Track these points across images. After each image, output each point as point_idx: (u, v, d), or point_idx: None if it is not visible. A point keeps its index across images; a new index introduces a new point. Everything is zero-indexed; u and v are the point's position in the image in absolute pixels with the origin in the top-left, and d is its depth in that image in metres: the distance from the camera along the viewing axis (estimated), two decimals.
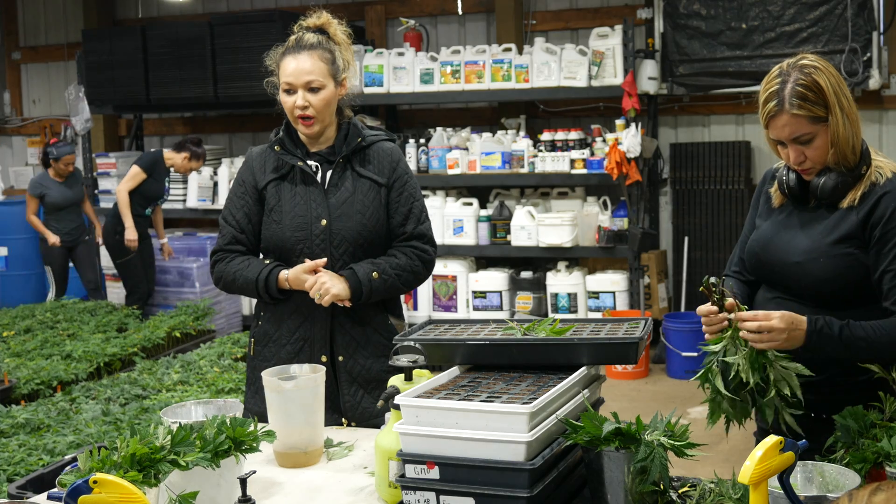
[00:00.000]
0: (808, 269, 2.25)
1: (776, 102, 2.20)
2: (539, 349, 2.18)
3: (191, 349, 6.13)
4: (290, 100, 2.69)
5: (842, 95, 2.22)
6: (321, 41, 2.72)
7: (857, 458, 1.94)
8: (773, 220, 2.38)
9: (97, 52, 7.74)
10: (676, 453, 1.87)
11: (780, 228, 2.34)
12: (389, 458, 2.01)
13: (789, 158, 2.26)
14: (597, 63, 6.61)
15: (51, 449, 4.01)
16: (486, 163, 6.92)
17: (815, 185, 2.26)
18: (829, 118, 2.19)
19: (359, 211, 2.73)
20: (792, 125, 2.20)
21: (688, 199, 7.02)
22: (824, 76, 2.21)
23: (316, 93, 2.68)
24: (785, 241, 2.31)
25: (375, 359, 2.75)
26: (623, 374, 6.42)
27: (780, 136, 2.23)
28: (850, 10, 6.37)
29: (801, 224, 2.31)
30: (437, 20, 7.77)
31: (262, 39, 6.92)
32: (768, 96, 2.23)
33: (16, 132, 9.43)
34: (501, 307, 6.96)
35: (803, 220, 2.31)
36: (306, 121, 2.69)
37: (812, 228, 2.28)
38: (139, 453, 1.85)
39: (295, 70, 2.67)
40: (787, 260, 2.29)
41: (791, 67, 2.24)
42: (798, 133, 2.21)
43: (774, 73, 2.26)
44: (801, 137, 2.21)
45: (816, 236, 2.26)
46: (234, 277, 2.75)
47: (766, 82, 2.26)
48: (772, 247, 2.33)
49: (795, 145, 2.22)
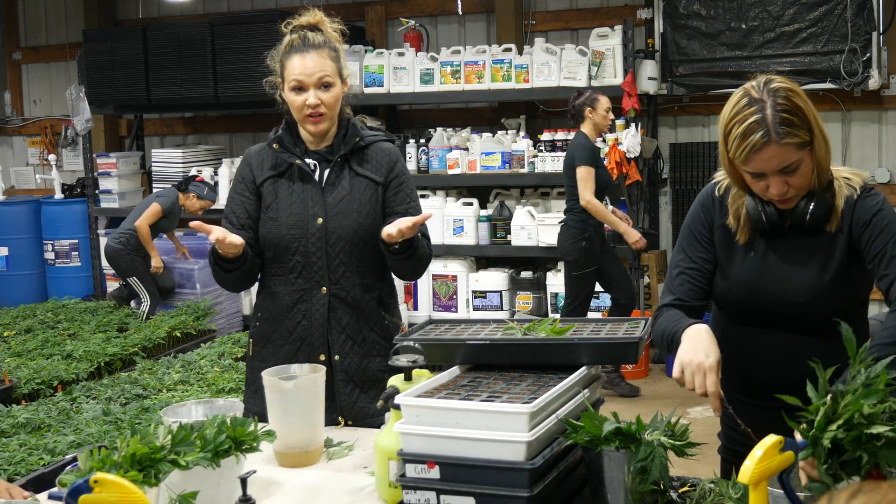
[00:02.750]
0: (814, 308, 2.13)
1: (762, 133, 2.00)
2: (539, 349, 2.18)
3: (191, 349, 6.14)
4: (299, 98, 2.69)
5: (816, 114, 2.07)
6: (326, 40, 2.72)
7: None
8: (748, 259, 2.20)
9: (98, 52, 7.75)
10: (676, 453, 1.87)
11: (764, 268, 2.18)
12: (389, 458, 2.01)
13: (767, 191, 2.08)
14: (597, 63, 6.62)
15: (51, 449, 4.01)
16: (486, 163, 6.93)
17: (799, 213, 2.11)
18: (813, 142, 2.04)
19: (355, 210, 2.73)
20: (780, 155, 2.02)
21: (688, 199, 7.02)
22: (800, 97, 2.04)
23: (328, 90, 2.69)
24: (779, 282, 2.16)
25: (371, 358, 2.75)
26: (623, 374, 6.42)
27: (765, 168, 2.04)
28: (850, 10, 6.37)
29: (787, 259, 2.16)
30: (437, 20, 7.77)
31: (262, 39, 6.92)
32: (748, 128, 2.01)
33: (16, 132, 9.43)
34: (501, 307, 6.96)
35: (786, 255, 2.16)
36: (316, 118, 2.69)
37: (804, 262, 2.14)
38: (139, 453, 1.85)
39: (306, 68, 2.67)
40: (789, 301, 2.15)
41: (762, 93, 2.04)
42: (787, 163, 2.03)
43: (743, 101, 2.05)
44: (789, 167, 2.04)
45: (813, 272, 2.13)
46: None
47: (735, 113, 2.05)
48: (762, 290, 2.17)
49: (779, 176, 2.05)
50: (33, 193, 9.12)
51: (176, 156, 7.93)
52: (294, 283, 2.74)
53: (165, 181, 7.90)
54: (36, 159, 9.30)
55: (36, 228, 8.49)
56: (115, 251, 7.04)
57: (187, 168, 7.85)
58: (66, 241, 8.40)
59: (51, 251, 8.44)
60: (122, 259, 7.03)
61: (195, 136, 8.72)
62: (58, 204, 8.47)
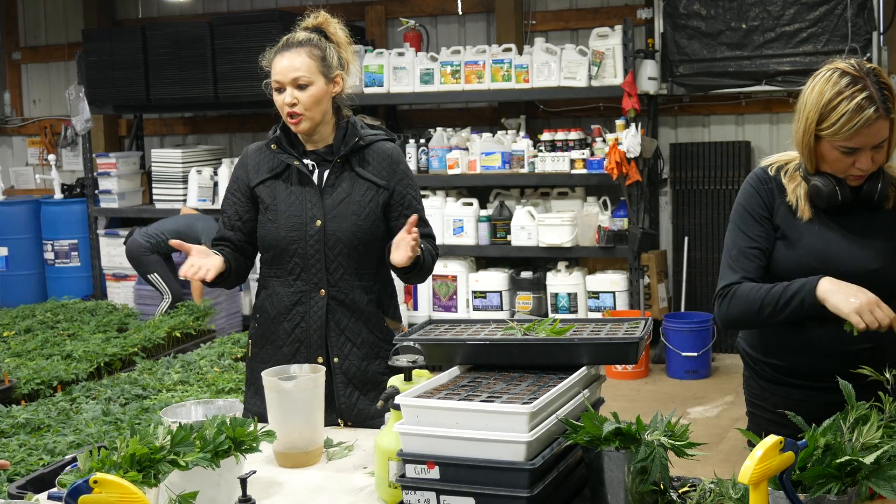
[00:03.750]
0: (886, 273, 2.28)
1: (874, 109, 2.17)
2: (539, 349, 2.18)
3: (191, 349, 6.13)
4: (279, 98, 2.71)
5: None
6: (311, 38, 2.72)
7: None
8: (814, 233, 2.33)
9: (97, 52, 7.74)
10: (676, 453, 1.87)
11: (833, 240, 2.31)
12: (389, 458, 2.01)
13: (852, 168, 2.24)
14: (597, 63, 6.61)
15: (51, 449, 4.00)
16: (486, 163, 6.93)
17: (869, 191, 2.28)
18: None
19: (354, 212, 2.72)
20: (883, 129, 2.19)
21: (688, 199, 7.02)
22: (886, 77, 2.23)
23: (304, 89, 2.68)
24: (851, 251, 2.29)
25: (371, 360, 2.75)
26: (623, 374, 6.42)
27: (870, 142, 2.20)
28: (850, 10, 6.37)
29: (855, 231, 2.31)
30: (437, 20, 7.77)
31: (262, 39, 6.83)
32: (859, 104, 2.17)
33: (16, 132, 9.43)
34: (501, 307, 6.96)
35: (854, 228, 2.31)
36: (294, 118, 2.69)
37: (871, 234, 2.29)
38: (139, 453, 1.85)
39: (282, 67, 2.68)
40: (862, 268, 2.27)
41: (858, 71, 2.21)
42: (883, 137, 2.20)
43: (845, 80, 2.20)
44: (882, 142, 2.21)
45: (879, 242, 2.28)
46: None
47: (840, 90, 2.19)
48: (834, 258, 2.30)
49: (870, 152, 2.21)
50: (33, 193, 9.12)
51: (175, 156, 7.92)
52: (293, 285, 2.74)
53: (165, 181, 7.90)
54: (35, 159, 9.29)
55: (35, 228, 8.48)
56: (140, 249, 7.06)
57: (187, 168, 7.85)
58: (65, 242, 8.40)
59: (50, 251, 8.44)
60: (145, 257, 7.06)
61: (195, 136, 8.71)
62: (57, 204, 8.46)
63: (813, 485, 1.76)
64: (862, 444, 1.83)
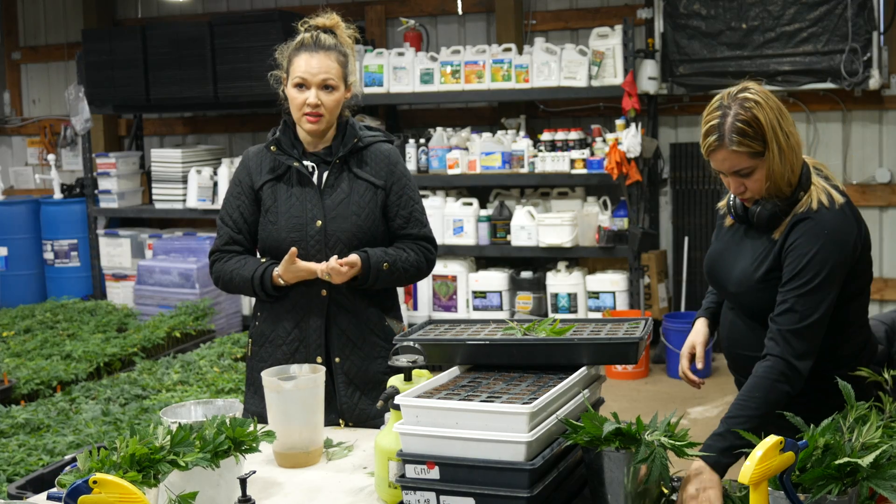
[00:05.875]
0: (742, 300, 2.35)
1: (716, 137, 2.22)
2: (539, 349, 2.18)
3: (191, 349, 6.14)
4: (300, 96, 2.70)
5: (779, 130, 2.21)
6: (337, 44, 2.75)
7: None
8: (721, 239, 2.45)
9: (97, 52, 7.74)
10: (676, 453, 1.87)
11: (724, 250, 2.41)
12: (389, 459, 2.01)
13: (730, 187, 2.31)
14: (597, 63, 6.61)
15: (51, 449, 4.01)
16: (486, 163, 6.92)
17: (752, 212, 2.32)
18: (766, 153, 2.20)
19: (354, 212, 2.73)
20: (731, 159, 2.22)
21: (688, 199, 7.02)
22: (763, 111, 2.20)
23: (329, 92, 2.70)
24: (725, 267, 2.38)
25: (372, 360, 2.75)
26: (623, 374, 6.42)
27: (719, 168, 2.26)
28: (850, 10, 6.37)
29: (741, 248, 2.36)
30: (437, 20, 7.77)
31: (262, 39, 6.92)
32: (708, 129, 2.24)
33: (16, 132, 9.43)
34: (501, 307, 6.96)
35: (744, 243, 2.36)
36: (315, 118, 2.69)
37: (747, 255, 2.33)
38: (139, 453, 1.85)
39: (312, 67, 2.68)
40: (726, 288, 2.40)
41: (732, 100, 2.23)
42: (738, 167, 2.23)
43: (715, 104, 2.27)
44: (741, 171, 2.24)
45: (748, 267, 2.32)
46: (231, 277, 2.76)
47: (707, 113, 2.27)
48: (716, 269, 2.43)
49: (735, 177, 2.26)
50: (32, 193, 9.11)
51: (175, 156, 7.92)
52: (293, 285, 2.74)
53: (165, 181, 7.90)
54: (35, 159, 9.29)
55: (35, 228, 8.48)
56: None
57: (187, 168, 7.85)
58: (65, 242, 8.39)
59: (50, 251, 8.44)
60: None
61: (194, 136, 8.71)
62: (57, 204, 8.46)
63: (813, 486, 1.76)
64: (862, 443, 1.83)
